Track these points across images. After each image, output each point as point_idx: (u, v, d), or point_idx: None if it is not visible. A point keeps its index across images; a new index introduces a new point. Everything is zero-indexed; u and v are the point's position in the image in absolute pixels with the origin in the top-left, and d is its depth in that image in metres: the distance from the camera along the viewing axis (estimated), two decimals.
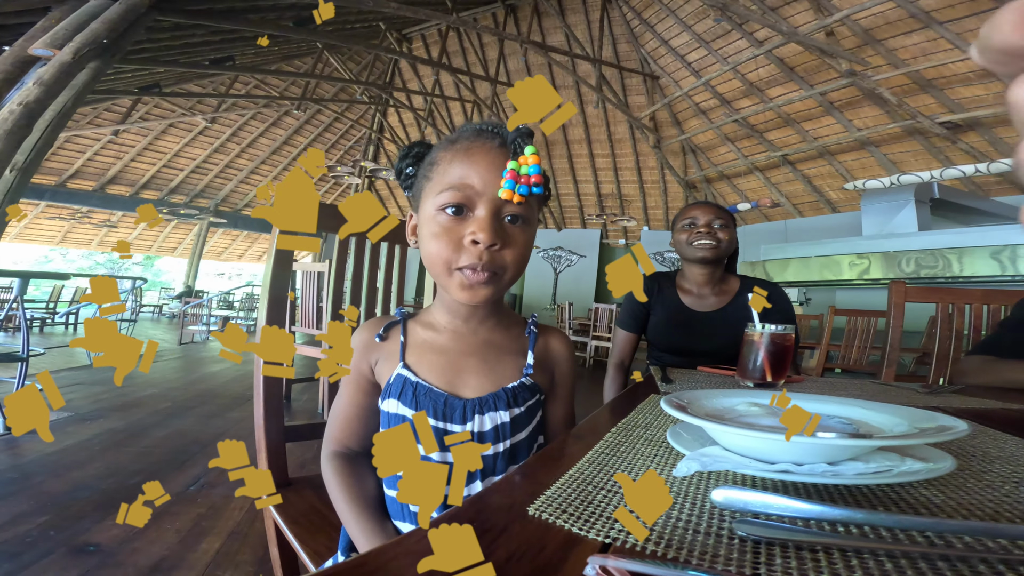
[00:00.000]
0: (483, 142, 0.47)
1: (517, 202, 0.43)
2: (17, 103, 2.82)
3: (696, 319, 1.14)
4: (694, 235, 1.12)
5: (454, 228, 0.46)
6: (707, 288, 1.16)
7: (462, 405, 0.49)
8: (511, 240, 0.47)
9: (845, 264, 3.90)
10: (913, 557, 0.21)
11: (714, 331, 1.12)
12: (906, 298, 1.21)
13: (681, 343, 1.16)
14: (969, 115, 4.83)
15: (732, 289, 1.16)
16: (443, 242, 0.46)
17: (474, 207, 0.46)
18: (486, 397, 0.49)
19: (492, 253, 0.45)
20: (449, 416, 0.49)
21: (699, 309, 1.15)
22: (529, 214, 0.48)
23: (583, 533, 0.24)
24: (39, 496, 1.44)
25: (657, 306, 1.20)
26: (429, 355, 0.52)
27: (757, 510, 0.25)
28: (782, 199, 7.15)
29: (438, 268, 0.47)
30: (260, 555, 1.19)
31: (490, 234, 0.44)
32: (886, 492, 0.29)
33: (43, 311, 6.69)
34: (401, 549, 0.23)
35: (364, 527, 0.47)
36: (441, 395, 0.49)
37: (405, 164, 0.54)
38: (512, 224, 0.47)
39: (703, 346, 1.13)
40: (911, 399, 0.65)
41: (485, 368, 0.52)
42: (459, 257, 0.46)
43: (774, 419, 0.35)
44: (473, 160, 0.46)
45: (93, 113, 7.93)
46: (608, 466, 0.34)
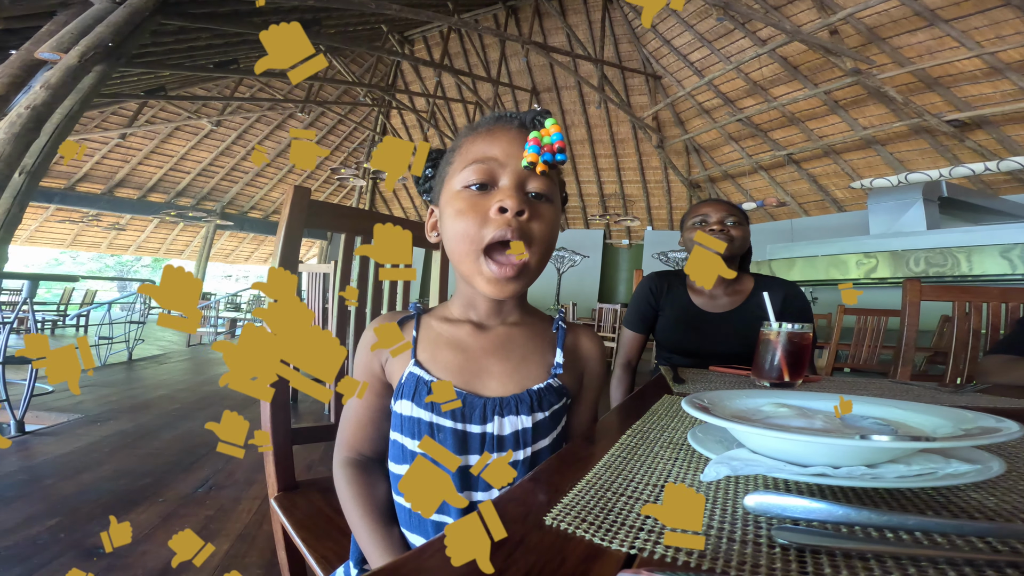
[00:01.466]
0: (504, 124, 0.47)
1: (540, 171, 0.42)
2: (25, 106, 2.84)
3: (707, 320, 1.10)
4: (707, 231, 1.09)
5: (479, 202, 0.44)
6: (719, 288, 1.12)
7: (482, 404, 0.46)
8: (537, 213, 0.45)
9: (852, 263, 3.87)
10: (978, 564, 0.19)
11: (727, 333, 1.08)
12: (921, 297, 1.19)
13: (691, 344, 1.12)
14: (977, 113, 4.78)
15: (746, 289, 1.11)
16: (468, 217, 0.44)
17: (498, 180, 0.44)
18: (508, 398, 0.46)
19: (521, 223, 0.43)
20: (468, 416, 0.46)
21: (711, 310, 1.11)
22: (553, 192, 0.46)
23: (605, 543, 0.22)
24: (49, 498, 1.44)
25: (666, 306, 1.15)
26: (445, 351, 0.49)
27: (796, 516, 0.24)
28: (788, 198, 7.11)
29: (464, 249, 0.45)
30: (268, 558, 1.19)
31: (517, 200, 0.42)
32: (932, 496, 0.27)
33: (54, 313, 6.75)
34: (417, 564, 0.22)
35: (377, 541, 0.45)
36: (459, 394, 0.46)
37: (424, 168, 0.53)
38: (537, 200, 0.45)
39: (715, 348, 1.09)
40: (937, 398, 0.63)
41: (508, 367, 0.48)
42: (487, 231, 0.43)
43: (806, 420, 0.34)
44: (495, 137, 0.45)
45: (100, 117, 8.00)
46: (626, 470, 0.32)
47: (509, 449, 0.46)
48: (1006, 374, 0.86)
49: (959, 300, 1.19)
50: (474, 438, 0.46)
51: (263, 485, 0.69)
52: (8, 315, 2.31)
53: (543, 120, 0.43)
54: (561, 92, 8.10)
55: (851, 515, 0.23)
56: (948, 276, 3.32)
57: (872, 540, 0.22)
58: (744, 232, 1.10)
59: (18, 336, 5.44)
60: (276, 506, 0.66)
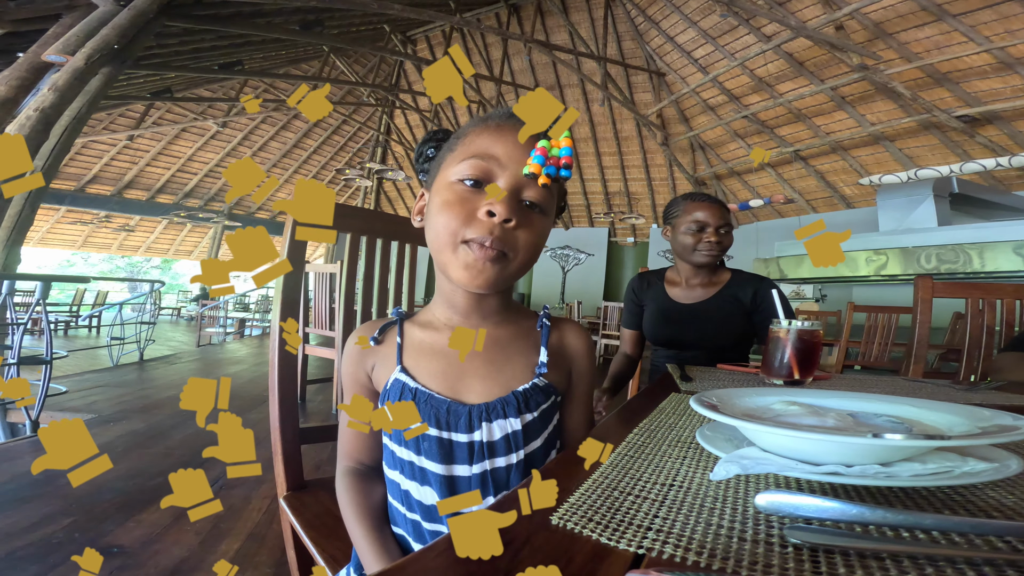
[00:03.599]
0: (515, 122, 0.45)
1: (542, 183, 0.41)
2: (33, 109, 2.88)
3: (682, 311, 1.16)
4: (704, 242, 1.10)
5: (469, 199, 0.43)
6: (696, 280, 1.17)
7: (467, 412, 0.45)
8: (527, 221, 0.43)
9: (862, 260, 3.82)
10: (998, 564, 0.19)
11: (702, 321, 1.14)
12: (933, 293, 1.18)
13: (669, 335, 1.18)
14: (987, 109, 4.71)
15: (721, 281, 1.16)
16: (454, 212, 0.42)
17: (494, 181, 0.43)
18: (494, 403, 0.45)
19: (505, 230, 0.42)
20: (453, 425, 0.45)
21: (685, 301, 1.17)
22: (548, 203, 0.45)
23: (612, 543, 0.22)
24: (64, 498, 1.46)
25: (648, 302, 1.23)
26: (428, 357, 0.48)
27: (809, 515, 0.24)
28: (795, 195, 7.04)
29: (443, 240, 0.43)
30: (278, 557, 1.20)
31: (507, 207, 0.41)
32: (948, 494, 0.27)
33: (67, 314, 6.84)
34: (422, 564, 0.21)
35: (371, 545, 0.45)
36: (443, 402, 0.45)
37: (428, 147, 0.52)
38: (529, 208, 0.44)
39: (689, 337, 1.15)
40: (951, 396, 0.62)
41: (491, 370, 0.47)
42: (468, 229, 0.42)
43: (817, 418, 0.33)
44: (502, 135, 0.44)
45: (108, 119, 8.09)
46: (634, 469, 0.32)
47: (500, 455, 0.45)
48: (1022, 371, 0.85)
49: (972, 297, 1.18)
50: (460, 447, 0.45)
51: (273, 484, 0.69)
52: (22, 316, 2.35)
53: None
54: (564, 90, 8.07)
55: (865, 514, 0.23)
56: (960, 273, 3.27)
57: (887, 539, 0.21)
58: (731, 236, 1.13)
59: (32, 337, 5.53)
60: (285, 505, 0.66)
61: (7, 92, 2.97)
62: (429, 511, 0.45)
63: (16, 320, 2.31)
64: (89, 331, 6.81)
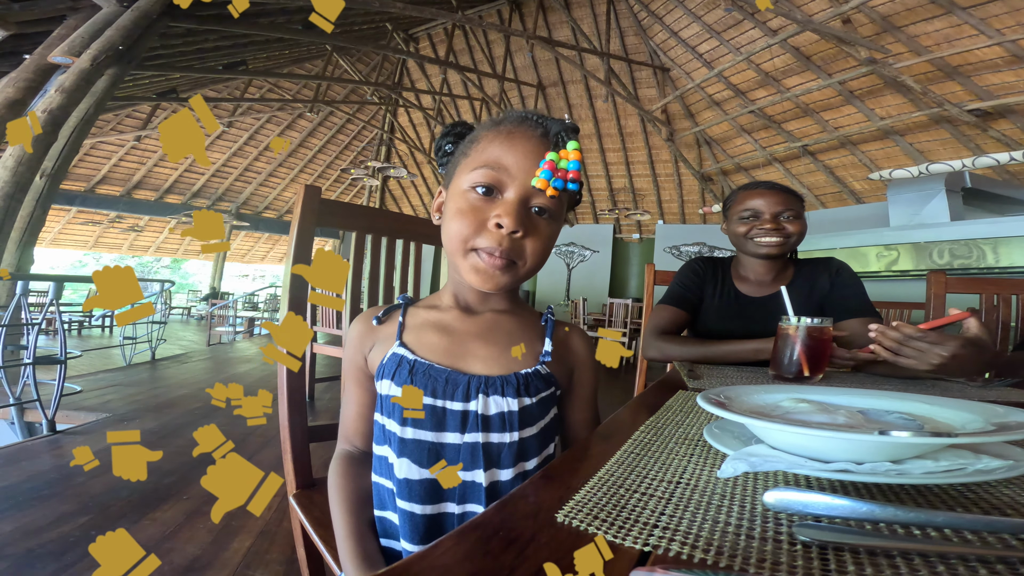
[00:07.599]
0: (526, 129, 0.46)
1: (550, 195, 0.42)
2: (41, 110, 2.91)
3: (749, 304, 1.04)
4: (757, 230, 0.96)
5: (480, 208, 0.45)
6: (769, 274, 1.03)
7: (465, 381, 0.45)
8: (534, 230, 0.45)
9: (872, 255, 3.77)
10: (1011, 562, 0.18)
11: (763, 316, 1.01)
12: (947, 289, 1.16)
13: (732, 329, 1.03)
14: (1000, 102, 4.62)
15: (790, 274, 1.03)
16: (466, 220, 0.44)
17: (504, 190, 0.45)
18: (494, 378, 0.46)
19: (513, 240, 0.44)
20: (449, 394, 0.45)
21: (753, 295, 1.04)
22: (557, 209, 0.46)
23: (618, 541, 0.22)
24: (80, 496, 1.48)
25: (709, 292, 1.07)
26: (430, 334, 0.49)
27: (818, 512, 0.23)
28: (804, 190, 6.96)
29: (455, 245, 0.46)
30: (289, 554, 1.21)
31: (515, 220, 0.43)
32: (961, 492, 0.27)
33: (80, 314, 6.93)
34: (427, 563, 0.21)
35: (350, 536, 0.46)
36: (442, 371, 0.46)
37: (446, 141, 0.53)
38: (538, 215, 0.45)
39: (755, 333, 1.00)
40: (965, 393, 0.61)
41: (495, 351, 0.48)
42: (479, 238, 0.44)
43: (827, 415, 0.33)
44: (513, 144, 0.45)
45: (115, 120, 8.18)
46: (640, 467, 0.32)
47: (494, 431, 0.45)
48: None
49: (987, 292, 1.16)
50: (453, 415, 0.45)
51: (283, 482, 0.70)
52: (36, 316, 2.39)
53: (567, 137, 0.42)
54: (567, 87, 8.03)
55: (876, 511, 0.22)
56: (974, 268, 3.21)
57: (898, 537, 0.21)
58: (802, 223, 0.97)
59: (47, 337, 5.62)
60: (295, 503, 0.67)
61: (15, 94, 3.02)
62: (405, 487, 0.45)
63: (31, 320, 2.34)
64: (102, 331, 6.91)
